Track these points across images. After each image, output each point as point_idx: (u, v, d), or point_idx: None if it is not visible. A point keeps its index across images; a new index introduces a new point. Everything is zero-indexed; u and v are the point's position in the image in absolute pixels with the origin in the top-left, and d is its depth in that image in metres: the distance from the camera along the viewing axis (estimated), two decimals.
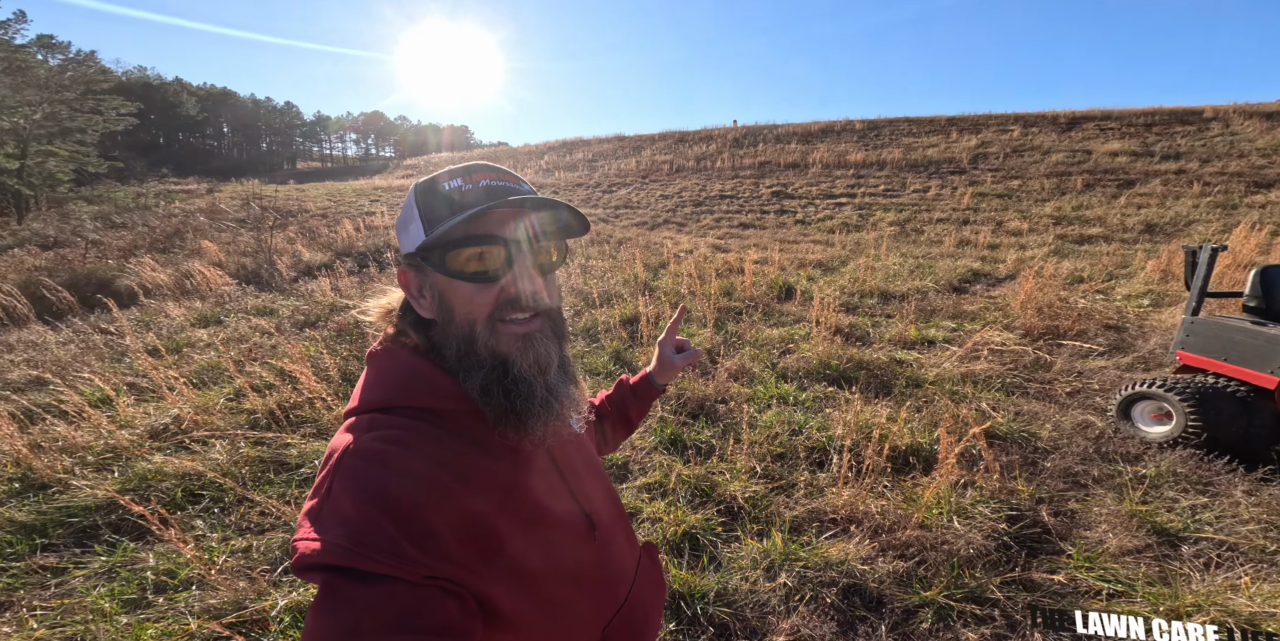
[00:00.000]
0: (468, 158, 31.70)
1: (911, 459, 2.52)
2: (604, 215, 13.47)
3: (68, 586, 2.02)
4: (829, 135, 19.37)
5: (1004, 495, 2.17)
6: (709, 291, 6.03)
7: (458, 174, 0.62)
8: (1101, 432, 2.81)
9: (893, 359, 4.27)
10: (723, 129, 22.47)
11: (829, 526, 2.09)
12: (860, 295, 6.37)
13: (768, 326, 5.27)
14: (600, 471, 0.80)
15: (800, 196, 13.48)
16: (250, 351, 4.69)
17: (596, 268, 7.68)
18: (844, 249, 8.89)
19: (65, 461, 2.80)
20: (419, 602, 0.48)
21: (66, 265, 8.49)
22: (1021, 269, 7.10)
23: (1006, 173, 13.62)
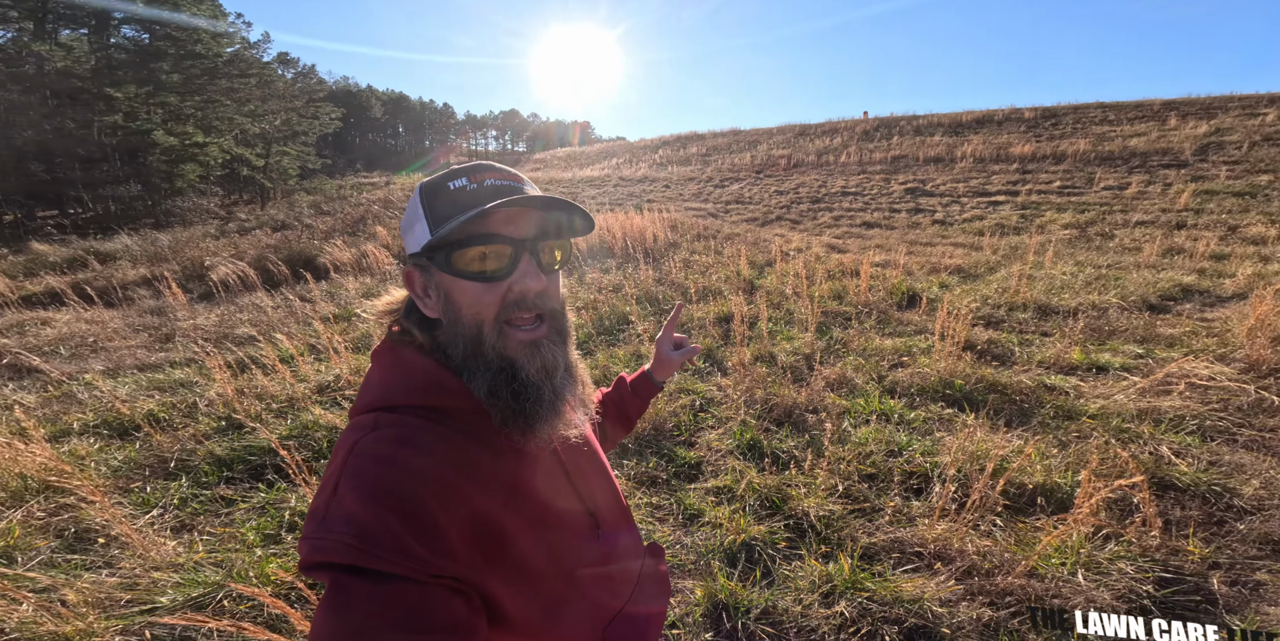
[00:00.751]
0: (587, 152, 33.78)
1: (1040, 500, 2.12)
2: (713, 210, 13.40)
3: (232, 516, 2.49)
4: (986, 125, 17.16)
5: (1161, 554, 1.73)
6: (816, 293, 5.69)
7: (462, 173, 0.64)
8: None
9: (1041, 384, 3.65)
10: (850, 121, 21.14)
11: (910, 560, 1.85)
12: (1009, 308, 5.53)
13: (881, 336, 4.82)
14: (605, 469, 0.82)
15: (942, 194, 12.10)
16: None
17: (699, 263, 7.68)
18: (994, 253, 7.80)
19: (257, 406, 3.53)
20: (426, 601, 0.49)
21: (286, 244, 10.87)
22: (1257, 286, 5.59)
23: (1251, 166, 10.86)
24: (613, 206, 13.95)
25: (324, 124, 31.16)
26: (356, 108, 65.02)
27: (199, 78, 23.30)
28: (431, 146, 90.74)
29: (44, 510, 2.51)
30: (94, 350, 5.58)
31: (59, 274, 10.03)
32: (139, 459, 3.02)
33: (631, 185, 18.26)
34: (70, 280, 9.19)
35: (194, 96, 23.25)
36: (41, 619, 1.72)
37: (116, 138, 21.46)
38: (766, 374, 3.88)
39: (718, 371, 4.18)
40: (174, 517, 2.51)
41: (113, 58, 21.48)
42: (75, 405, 3.90)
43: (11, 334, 6.22)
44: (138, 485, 2.80)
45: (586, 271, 7.72)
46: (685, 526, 2.42)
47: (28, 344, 5.70)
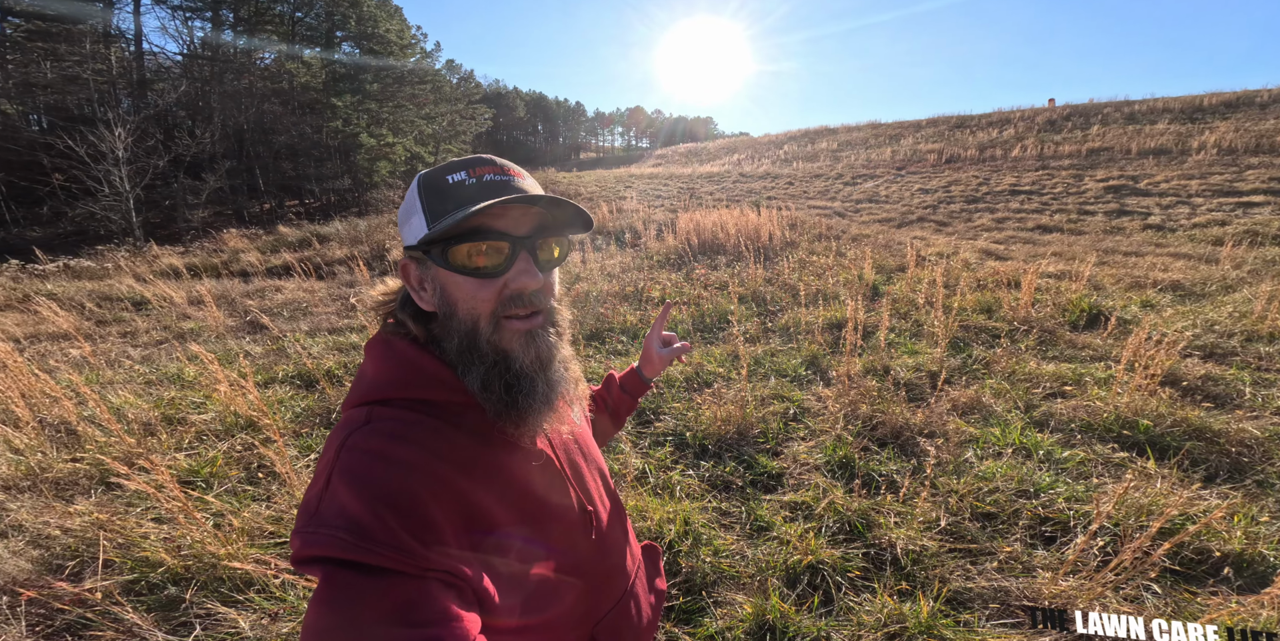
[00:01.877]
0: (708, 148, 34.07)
1: (1227, 570, 1.67)
2: (841, 209, 12.65)
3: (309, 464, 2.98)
4: (1239, 109, 13.94)
5: None
6: (956, 303, 5.08)
7: (461, 167, 0.66)
8: None
9: (1277, 435, 2.87)
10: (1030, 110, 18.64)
11: (1014, 614, 1.58)
12: (1245, 337, 4.43)
13: (1041, 359, 4.17)
14: (600, 468, 0.85)
15: (1161, 193, 10.04)
16: None
17: (816, 264, 7.32)
18: (1238, 268, 6.29)
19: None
20: (419, 595, 0.51)
21: None
22: None
23: None
24: (730, 203, 13.84)
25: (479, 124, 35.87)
26: (504, 108, 73.09)
27: (391, 85, 28.41)
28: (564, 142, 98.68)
29: (243, 445, 3.18)
30: (304, 313, 7.02)
31: (292, 251, 12.76)
32: (314, 408, 3.69)
33: (751, 181, 18.00)
34: (298, 256, 11.63)
35: (388, 102, 28.45)
36: (209, 540, 2.17)
37: (336, 139, 27.19)
38: (876, 388, 3.57)
39: (820, 380, 3.95)
40: None
41: (335, 71, 27.11)
42: (284, 358, 4.93)
43: (255, 297, 8.08)
44: (307, 430, 3.42)
45: (694, 267, 7.78)
46: (750, 538, 2.33)
47: (264, 306, 7.34)
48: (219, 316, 6.54)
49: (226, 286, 8.87)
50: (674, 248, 9.11)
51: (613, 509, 0.83)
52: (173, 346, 5.49)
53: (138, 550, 2.19)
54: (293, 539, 0.54)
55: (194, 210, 20.06)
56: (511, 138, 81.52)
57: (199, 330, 6.27)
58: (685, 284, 6.87)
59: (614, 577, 0.79)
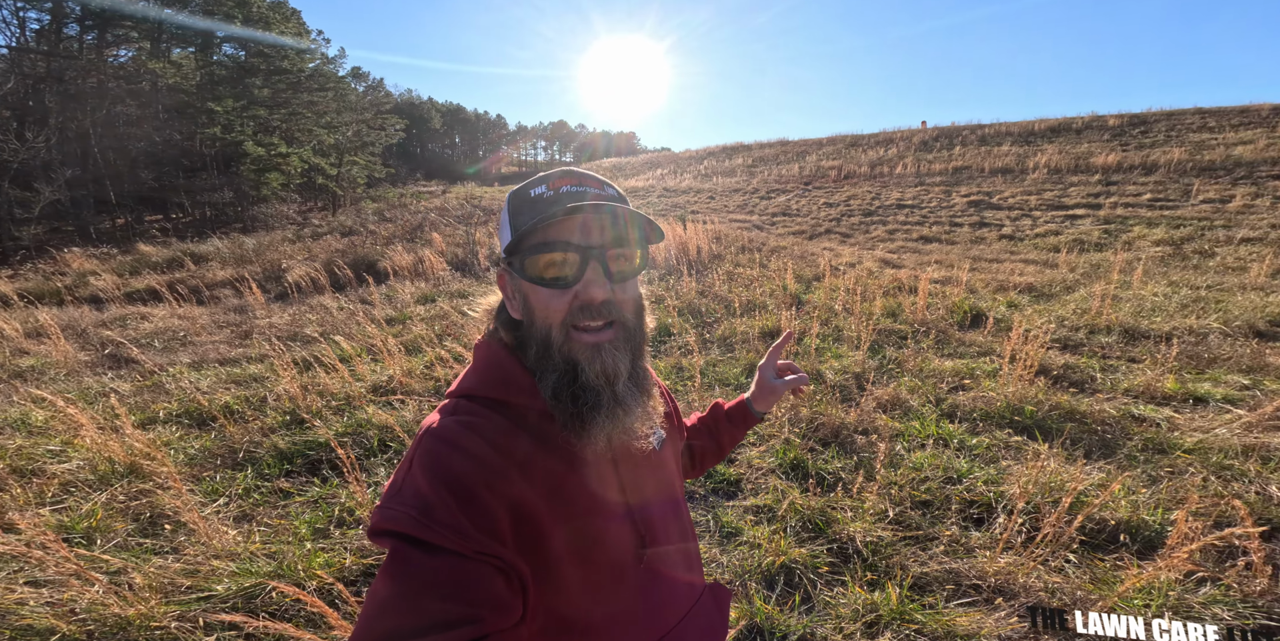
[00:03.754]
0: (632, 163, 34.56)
1: (1124, 537, 1.94)
2: (759, 222, 13.31)
3: (288, 509, 2.63)
4: (1062, 134, 16.31)
5: (1266, 601, 1.53)
6: (869, 310, 5.51)
7: (543, 181, 0.68)
8: None
9: (1129, 414, 3.37)
10: (907, 131, 20.65)
11: (968, 592, 1.74)
12: (1089, 330, 5.16)
13: (941, 356, 4.61)
14: (674, 497, 0.80)
15: (1010, 207, 11.52)
16: (448, 328, 5.81)
17: (743, 276, 7.62)
18: (1072, 271, 7.32)
19: (318, 403, 3.77)
20: (472, 575, 0.53)
21: (353, 249, 11.77)
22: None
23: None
24: (657, 217, 14.11)
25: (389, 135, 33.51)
26: (418, 119, 69.27)
27: (285, 92, 25.75)
28: (484, 156, 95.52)
29: (126, 494, 2.74)
30: (183, 344, 6.16)
31: (159, 273, 11.19)
32: (213, 448, 3.26)
33: (675, 196, 18.45)
34: (168, 279, 10.25)
35: (280, 109, 25.70)
36: (109, 601, 1.86)
37: (214, 148, 24.07)
38: (813, 392, 3.77)
39: None
40: (237, 507, 2.66)
41: (214, 74, 24.08)
42: (163, 395, 4.28)
43: (115, 326, 6.94)
44: (209, 474, 3.01)
45: None
46: (722, 544, 2.37)
47: (128, 336, 6.32)
48: (68, 350, 5.53)
49: (74, 315, 7.55)
50: None
51: (678, 539, 0.78)
52: (10, 387, 4.59)
53: (16, 618, 1.84)
54: (374, 512, 0.57)
55: (24, 226, 16.88)
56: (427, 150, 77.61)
57: (42, 367, 5.25)
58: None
59: (658, 612, 0.73)
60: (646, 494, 0.74)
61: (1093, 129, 16.15)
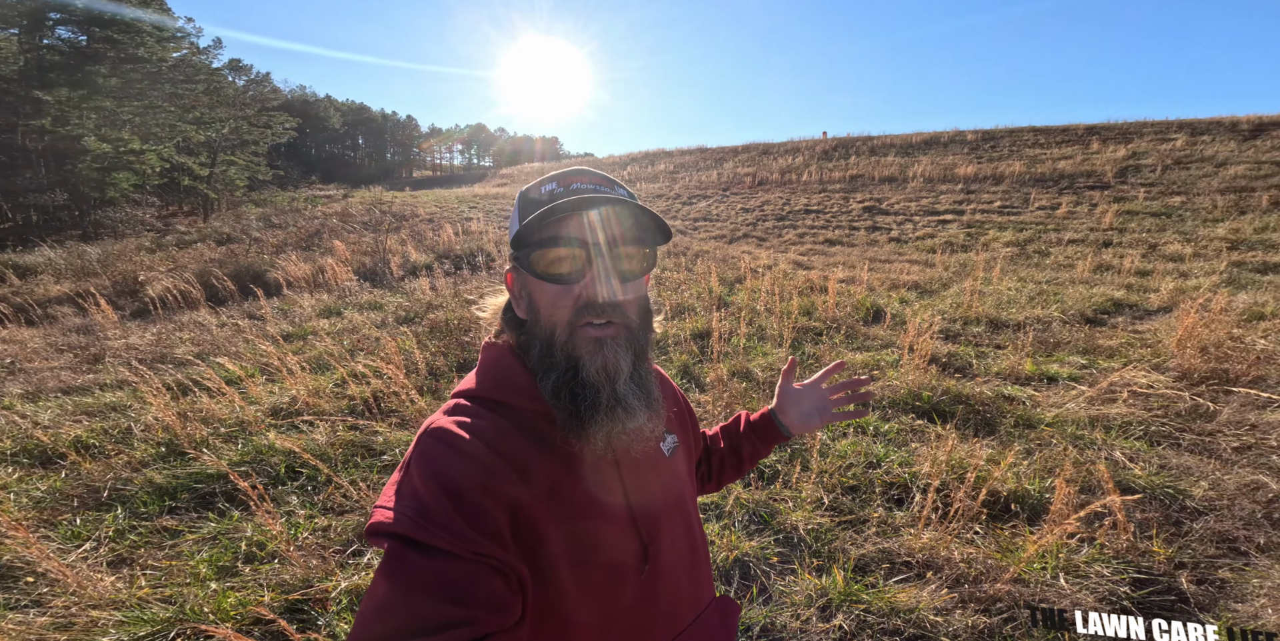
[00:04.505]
0: (553, 167, 33.94)
1: (1014, 506, 2.23)
2: (682, 227, 13.64)
3: (178, 548, 2.32)
4: (933, 147, 18.28)
5: (1132, 556, 1.85)
6: (788, 309, 5.85)
7: (554, 178, 0.67)
8: (1277, 496, 2.31)
9: (1000, 394, 3.85)
10: (811, 141, 22.11)
11: (901, 569, 1.91)
12: (964, 322, 5.84)
13: (851, 350, 4.99)
14: (682, 506, 0.77)
15: (896, 213, 12.75)
16: (358, 342, 5.32)
17: (671, 279, 7.77)
18: (946, 270, 8.25)
19: (203, 431, 3.30)
20: (469, 577, 0.52)
21: (233, 258, 10.31)
22: (1181, 300, 6.12)
23: (1166, 188, 11.95)
24: None
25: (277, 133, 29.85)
26: (313, 118, 62.96)
27: (139, 82, 22.13)
28: (394, 159, 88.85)
29: None
30: (11, 372, 5.14)
31: None
32: (65, 489, 2.79)
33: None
34: None
35: (133, 102, 22.05)
36: None
37: (43, 142, 20.03)
38: (744, 389, 3.94)
39: (696, 387, 4.22)
40: (110, 551, 2.32)
41: (45, 59, 20.13)
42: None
43: None
44: (65, 517, 2.57)
45: None
46: None
47: None
48: None
49: None
50: None
51: (685, 549, 0.75)
52: None
53: None
54: (373, 511, 0.57)
55: None
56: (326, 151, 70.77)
57: None
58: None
59: (660, 621, 0.70)
60: (651, 499, 0.71)
61: (956, 143, 18.26)
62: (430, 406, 3.49)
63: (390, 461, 2.94)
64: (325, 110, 67.13)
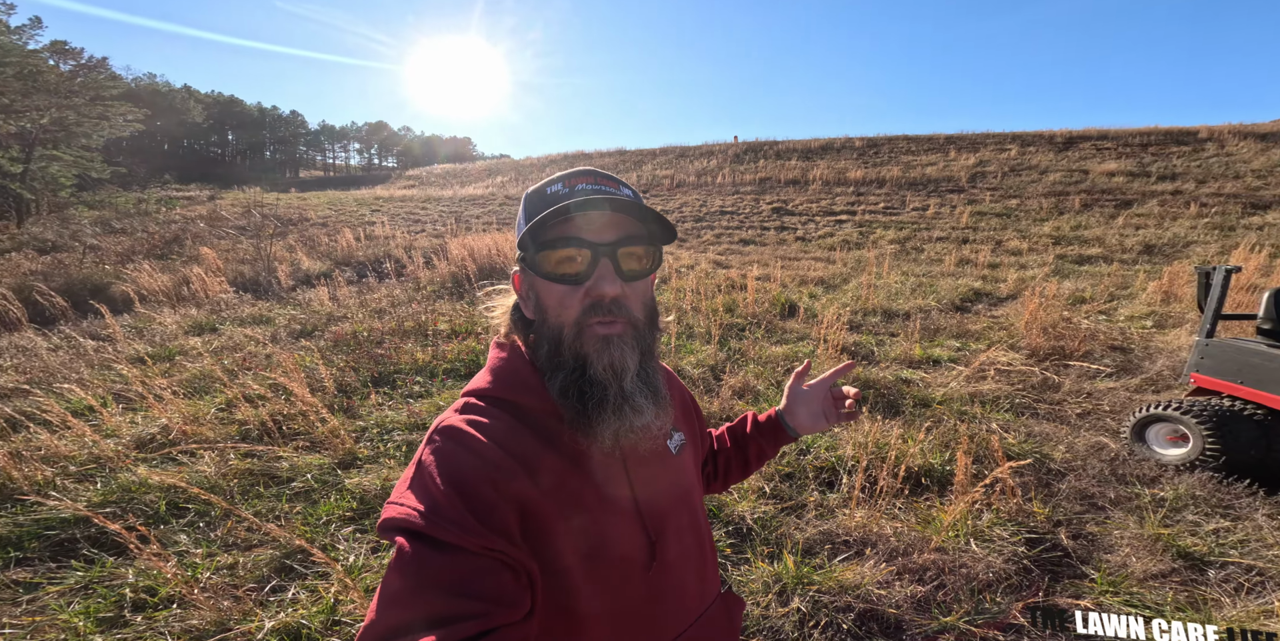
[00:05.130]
0: (469, 169, 32.21)
1: (924, 480, 2.51)
2: None
3: (40, 602, 1.97)
4: (829, 152, 19.80)
5: (1021, 518, 2.17)
6: (713, 307, 6.07)
7: (560, 179, 0.67)
8: (1116, 455, 2.82)
9: (899, 378, 4.28)
10: (724, 144, 22.97)
11: (842, 548, 2.07)
12: (864, 313, 6.42)
13: (771, 344, 5.29)
14: (689, 503, 0.77)
15: (801, 213, 13.69)
16: (245, 361, 4.68)
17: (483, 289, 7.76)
18: (845, 266, 9.00)
19: (46, 472, 2.75)
20: (478, 571, 0.52)
21: (63, 270, 8.54)
22: (1023, 289, 7.19)
23: (1005, 192, 13.91)
24: (501, 226, 13.49)
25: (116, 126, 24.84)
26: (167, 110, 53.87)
27: None
28: (276, 158, 79.13)
29: None
30: None
31: None
32: None
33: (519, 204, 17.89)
34: None
35: None
36: None
37: None
38: None
39: None
40: None
41: None
42: None
43: None
44: None
45: (478, 294, 7.32)
46: None
47: None
48: None
49: None
50: (450, 275, 8.36)
51: (691, 545, 0.75)
52: None
53: None
54: (385, 506, 0.57)
55: None
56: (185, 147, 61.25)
57: None
58: (474, 312, 6.44)
59: (666, 616, 0.71)
60: (658, 495, 0.71)
61: (846, 149, 19.93)
62: (345, 426, 3.22)
63: (301, 488, 2.68)
64: (183, 102, 57.83)
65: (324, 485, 2.70)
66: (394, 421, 3.47)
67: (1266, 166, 13.47)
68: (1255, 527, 2.07)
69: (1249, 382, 2.66)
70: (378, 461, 2.95)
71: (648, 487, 0.70)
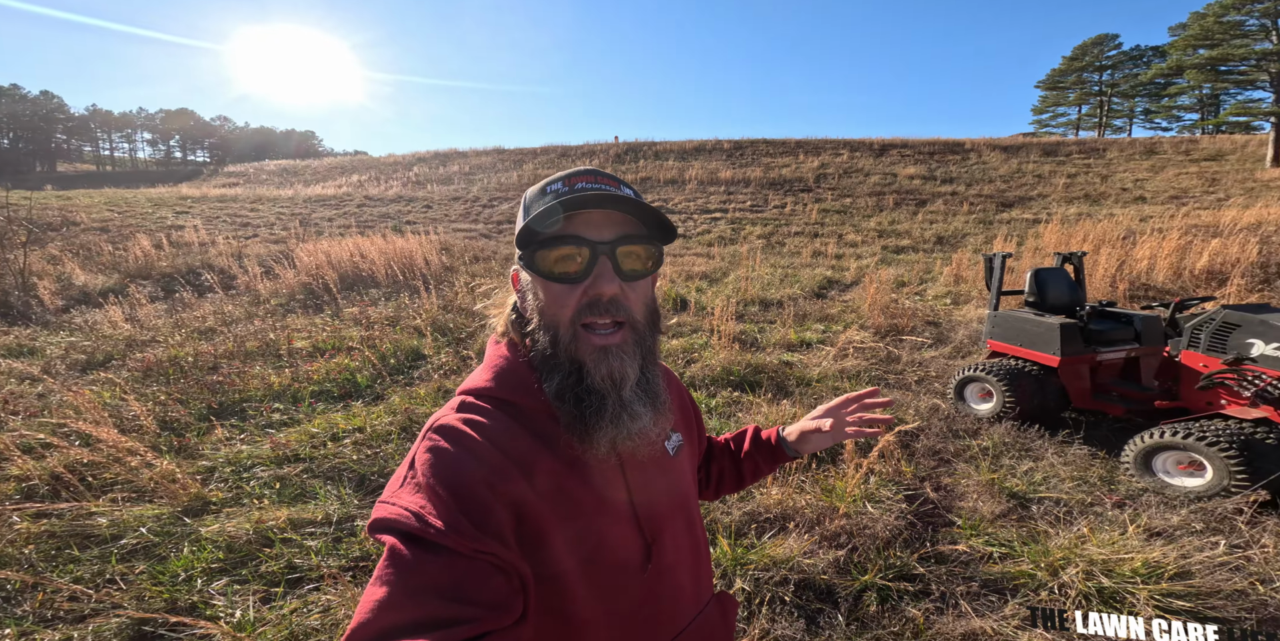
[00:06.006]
0: (313, 166, 27.89)
1: (820, 453, 2.86)
2: (486, 231, 12.90)
3: None
4: (702, 153, 20.94)
5: (897, 478, 2.59)
6: None
7: (561, 178, 0.65)
8: (948, 413, 3.49)
9: (782, 361, 4.77)
10: (605, 144, 23.02)
11: (767, 526, 2.28)
12: (745, 303, 6.99)
13: (669, 337, 5.52)
14: (685, 504, 0.76)
15: (680, 211, 14.33)
16: (7, 403, 3.64)
17: (483, 287, 7.33)
18: (723, 261, 9.68)
19: None
20: (470, 574, 0.50)
21: None
22: (862, 276, 8.43)
23: (841, 191, 16.04)
24: (362, 229, 12.06)
25: None
26: None
27: None
28: (23, 148, 60.23)
29: None
30: None
31: None
32: None
33: (384, 205, 16.07)
34: None
35: None
36: None
37: None
38: None
39: None
40: None
41: None
42: None
43: None
44: None
45: (344, 306, 6.49)
46: None
47: None
48: None
49: None
50: (300, 286, 7.28)
51: (688, 550, 0.74)
52: None
53: None
54: (376, 506, 0.55)
55: None
56: None
57: None
58: (340, 326, 5.71)
59: (662, 619, 0.70)
60: (654, 498, 0.69)
61: (717, 151, 21.25)
62: (183, 468, 2.75)
63: (135, 544, 2.23)
64: None
65: (170, 538, 2.27)
66: (253, 456, 2.99)
67: (1009, 173, 17.37)
68: (1050, 466, 2.73)
69: (1025, 344, 3.47)
70: (240, 503, 2.54)
71: (645, 491, 0.68)
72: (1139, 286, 6.55)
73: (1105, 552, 1.83)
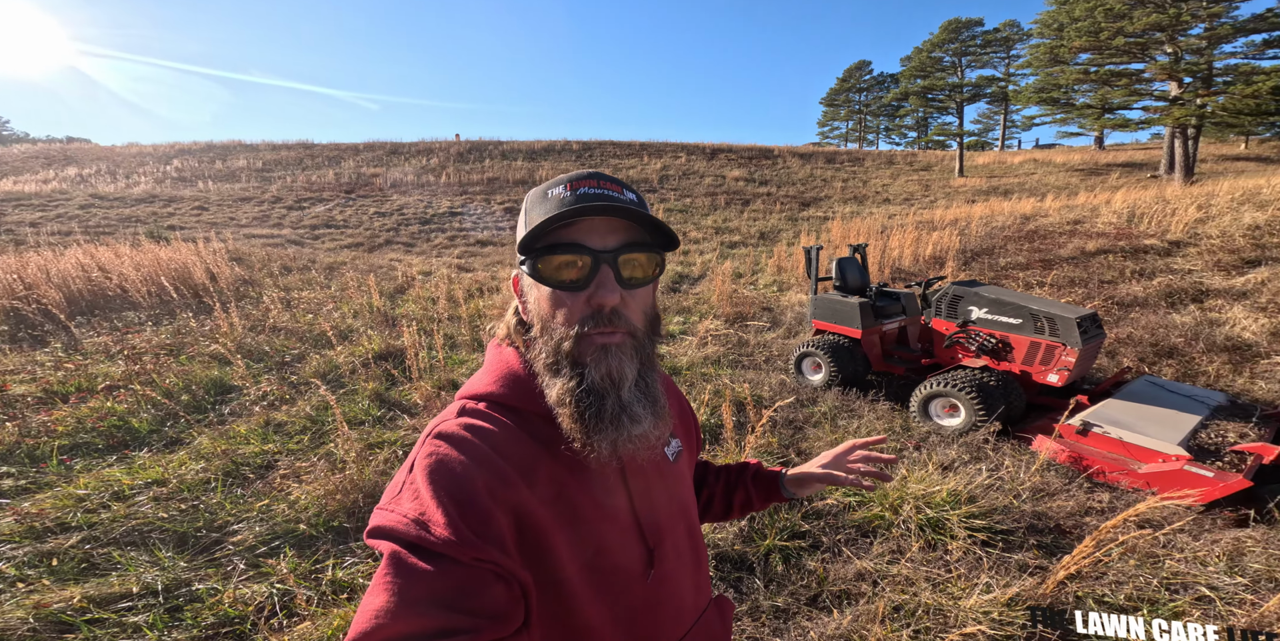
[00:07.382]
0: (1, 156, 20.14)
1: (705, 435, 3.02)
2: (295, 236, 10.84)
3: None
4: (551, 154, 20.59)
5: (769, 448, 2.87)
6: (463, 314, 5.65)
7: (563, 181, 0.62)
8: (794, 386, 3.99)
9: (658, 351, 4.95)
10: (445, 142, 21.16)
11: None
12: None
13: None
14: (684, 509, 0.75)
15: None
16: None
17: (306, 299, 6.17)
18: None
19: None
20: (470, 583, 0.49)
21: None
22: (708, 270, 9.22)
23: (682, 192, 17.30)
24: (95, 236, 9.22)
25: None
26: None
27: None
28: None
29: None
30: None
31: None
32: None
33: (127, 206, 12.37)
34: None
35: None
36: None
37: None
38: None
39: (404, 414, 3.66)
40: None
41: None
42: None
43: None
44: None
45: (88, 335, 4.89)
46: None
47: None
48: None
49: None
50: (1, 312, 5.31)
51: (687, 554, 0.74)
52: None
53: None
54: (374, 512, 0.54)
55: None
56: None
57: None
58: (84, 362, 4.30)
59: (664, 624, 0.70)
60: (655, 504, 0.69)
61: (566, 151, 21.11)
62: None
63: None
64: None
65: None
66: None
67: (805, 177, 20.69)
68: (869, 422, 3.31)
69: (838, 322, 4.16)
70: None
71: (646, 496, 0.68)
72: (896, 270, 8.35)
73: (922, 488, 2.28)
